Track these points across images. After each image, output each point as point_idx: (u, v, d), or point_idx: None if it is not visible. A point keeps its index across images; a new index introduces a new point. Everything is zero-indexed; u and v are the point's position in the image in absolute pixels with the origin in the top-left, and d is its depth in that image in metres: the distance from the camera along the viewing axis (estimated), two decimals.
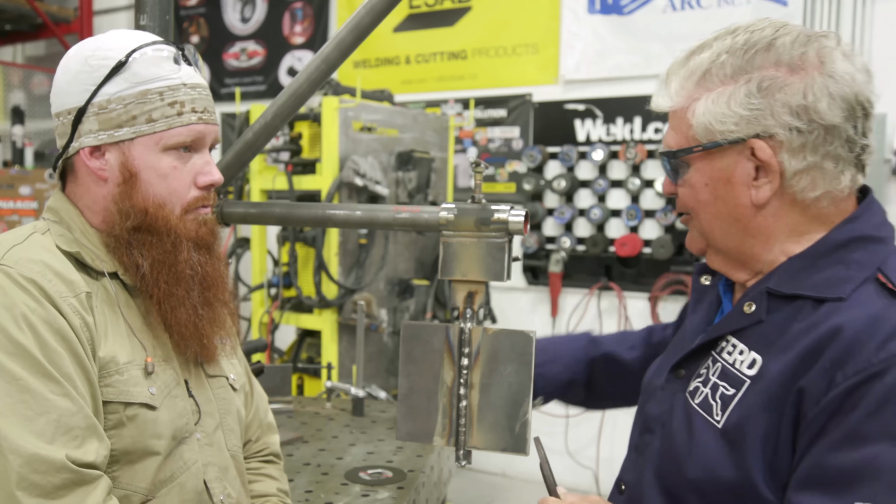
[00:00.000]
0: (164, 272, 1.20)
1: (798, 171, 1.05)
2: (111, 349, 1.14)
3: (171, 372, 1.23)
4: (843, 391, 0.93)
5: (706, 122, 1.07)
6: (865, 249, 1.05)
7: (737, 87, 1.05)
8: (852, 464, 0.91)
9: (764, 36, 1.06)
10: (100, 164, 1.19)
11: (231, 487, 1.30)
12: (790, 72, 1.04)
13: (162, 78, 1.18)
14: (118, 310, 1.19)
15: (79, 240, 1.19)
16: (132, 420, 1.14)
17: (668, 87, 1.12)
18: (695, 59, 1.10)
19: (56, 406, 1.04)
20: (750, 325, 1.08)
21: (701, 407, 1.09)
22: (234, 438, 1.35)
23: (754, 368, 1.04)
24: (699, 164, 1.11)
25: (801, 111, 1.03)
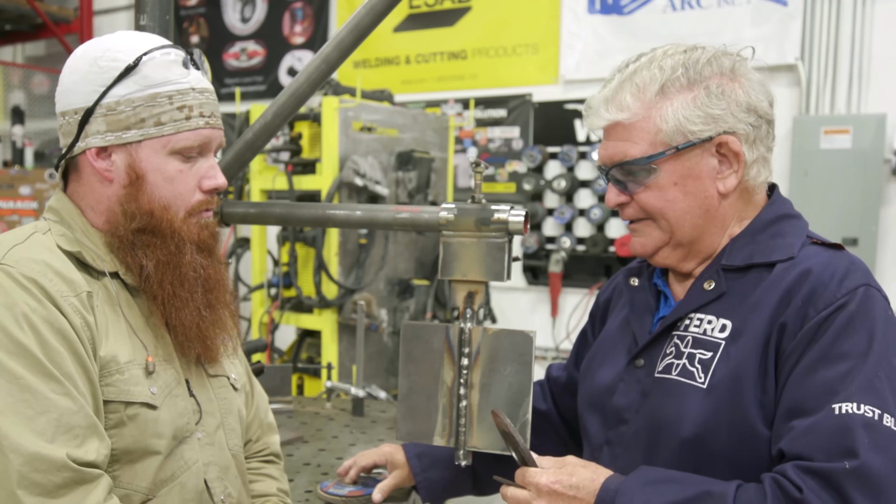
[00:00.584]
0: (168, 273, 1.21)
1: (752, 160, 1.21)
2: (112, 348, 1.15)
3: (172, 371, 1.23)
4: (815, 323, 1.08)
5: (677, 124, 1.18)
6: (790, 223, 1.23)
7: (697, 93, 1.18)
8: (826, 380, 1.04)
9: (700, 53, 1.21)
10: (106, 165, 1.20)
11: (232, 487, 1.30)
12: (731, 79, 1.20)
13: (171, 82, 1.19)
14: (119, 309, 1.19)
15: (80, 240, 1.20)
16: (133, 419, 1.14)
17: (616, 101, 1.22)
18: (640, 76, 1.21)
19: (57, 405, 1.04)
20: (713, 299, 1.20)
21: (681, 376, 1.18)
22: (235, 438, 1.35)
23: (726, 331, 1.17)
24: (668, 166, 1.20)
25: (751, 109, 1.20)
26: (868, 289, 1.10)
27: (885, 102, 3.98)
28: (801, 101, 4.17)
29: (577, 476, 1.13)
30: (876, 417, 0.99)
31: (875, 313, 1.08)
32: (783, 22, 4.19)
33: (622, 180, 1.24)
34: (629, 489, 1.09)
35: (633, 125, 1.20)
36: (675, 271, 1.30)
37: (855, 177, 3.87)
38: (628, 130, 1.21)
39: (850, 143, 3.87)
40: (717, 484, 1.06)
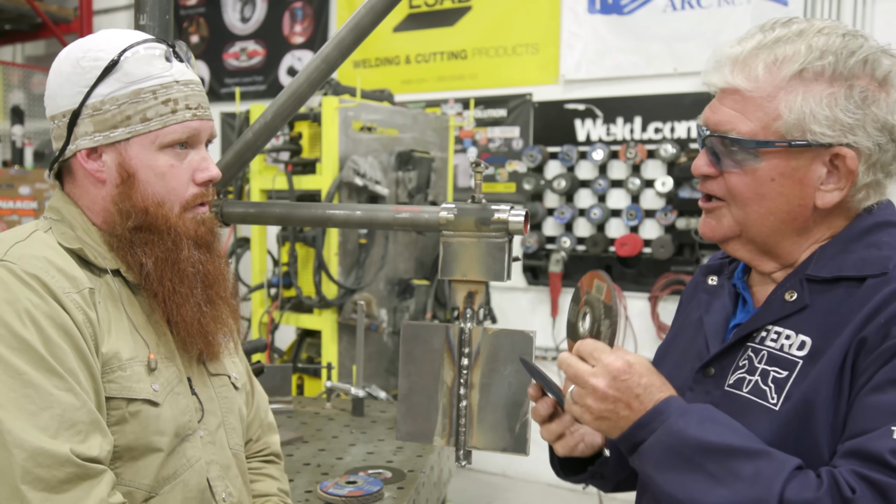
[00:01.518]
0: (167, 270, 1.21)
1: (864, 184, 1.07)
2: (114, 345, 1.15)
3: (173, 369, 1.23)
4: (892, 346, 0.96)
5: (801, 118, 1.04)
6: (890, 233, 1.08)
7: (836, 91, 1.04)
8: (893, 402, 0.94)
9: (859, 45, 1.05)
10: (97, 166, 1.19)
11: (233, 486, 1.30)
12: (879, 88, 1.05)
13: (154, 76, 1.18)
14: (121, 306, 1.19)
15: (81, 237, 1.20)
16: (135, 416, 1.14)
17: (746, 68, 1.07)
18: (782, 47, 1.06)
19: (60, 401, 1.04)
20: (794, 312, 1.08)
21: (752, 394, 1.08)
22: (236, 437, 1.35)
23: (804, 349, 1.05)
24: (773, 159, 1.07)
25: (886, 129, 1.05)
26: None
27: None
28: None
29: (647, 378, 1.04)
30: None
31: None
32: None
33: (718, 152, 1.11)
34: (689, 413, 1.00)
35: (754, 99, 1.06)
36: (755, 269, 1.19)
37: None
38: (746, 102, 1.07)
39: None
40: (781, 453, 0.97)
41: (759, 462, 0.95)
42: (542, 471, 5.51)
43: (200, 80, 1.27)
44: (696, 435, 0.98)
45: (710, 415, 1.02)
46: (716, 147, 1.11)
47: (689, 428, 0.99)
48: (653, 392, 1.03)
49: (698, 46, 4.30)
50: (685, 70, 4.35)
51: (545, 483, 4.69)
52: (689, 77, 4.31)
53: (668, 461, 1.00)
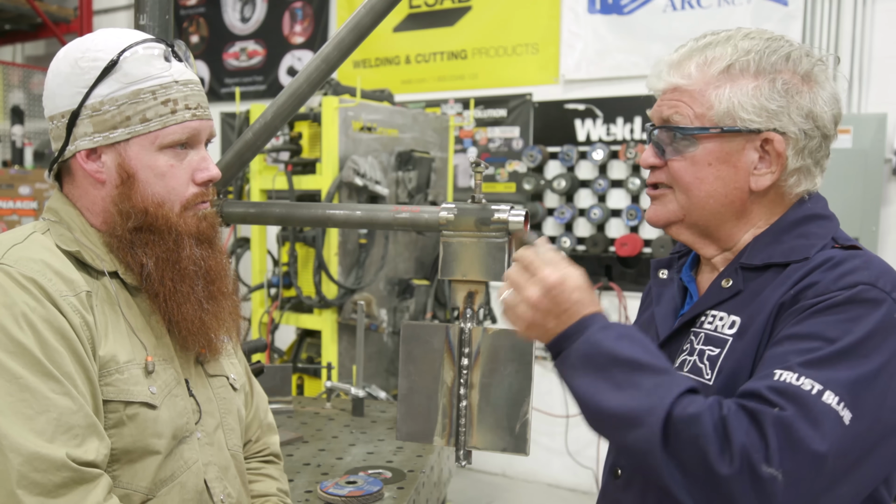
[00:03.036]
0: (168, 270, 1.20)
1: (794, 168, 1.18)
2: (111, 348, 1.14)
3: (171, 371, 1.22)
4: (798, 308, 1.08)
5: (730, 107, 1.16)
6: (818, 224, 1.20)
7: (761, 83, 1.16)
8: (784, 352, 1.04)
9: (781, 45, 1.18)
10: (96, 167, 1.19)
11: (231, 487, 1.30)
12: (803, 82, 1.17)
13: (153, 76, 1.18)
14: (118, 309, 1.18)
15: (79, 239, 1.19)
16: (132, 419, 1.14)
17: (680, 68, 1.20)
18: (712, 50, 1.19)
19: (56, 405, 1.04)
20: (729, 297, 1.19)
21: (691, 372, 1.18)
22: (235, 438, 1.35)
23: (734, 328, 1.16)
24: (708, 144, 1.18)
25: (810, 117, 1.17)
26: (871, 288, 1.05)
27: (885, 102, 3.98)
28: None
29: (579, 293, 1.12)
30: (814, 392, 0.97)
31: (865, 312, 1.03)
32: (783, 21, 4.19)
33: (662, 144, 1.23)
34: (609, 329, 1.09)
35: (689, 93, 1.19)
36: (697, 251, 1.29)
37: (855, 177, 3.87)
38: (683, 96, 1.20)
39: (851, 142, 3.87)
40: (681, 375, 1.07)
41: (659, 377, 1.04)
42: (542, 471, 5.51)
43: (200, 80, 1.27)
44: (610, 347, 1.07)
45: (628, 333, 1.11)
46: (660, 139, 1.23)
47: (606, 340, 1.08)
48: (580, 307, 1.12)
49: None
50: None
51: (545, 483, 4.68)
52: None
53: (582, 366, 1.09)
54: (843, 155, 3.88)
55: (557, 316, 1.12)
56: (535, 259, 1.14)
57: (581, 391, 1.09)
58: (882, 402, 1.00)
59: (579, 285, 1.13)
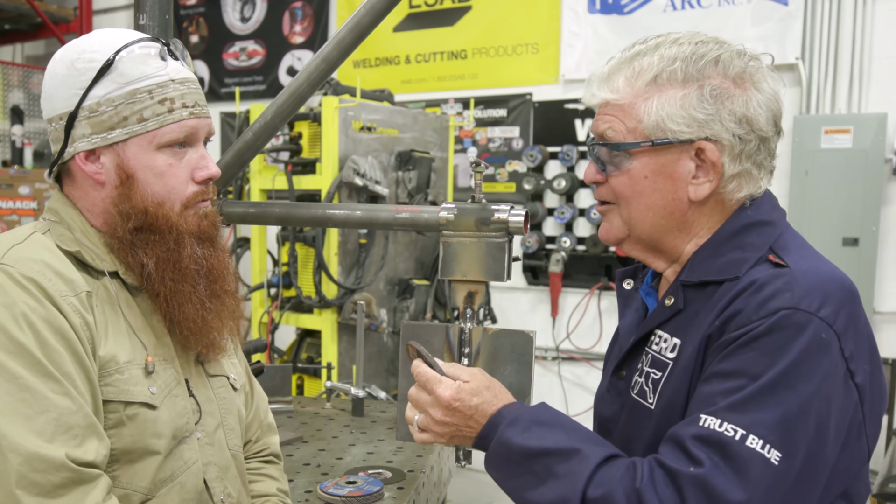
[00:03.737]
0: (169, 269, 1.20)
1: (733, 174, 1.15)
2: (111, 348, 1.14)
3: (171, 371, 1.22)
4: (724, 342, 1.05)
5: (659, 119, 1.14)
6: (758, 232, 1.16)
7: (689, 92, 1.13)
8: (711, 392, 1.03)
9: (710, 49, 1.14)
10: (95, 168, 1.19)
11: (231, 487, 1.29)
12: (734, 85, 1.14)
13: (149, 76, 1.18)
14: (119, 309, 1.18)
15: (79, 239, 1.19)
16: (132, 419, 1.13)
17: (610, 83, 1.19)
18: (639, 61, 1.17)
19: (56, 405, 1.03)
20: (672, 315, 1.18)
21: (638, 395, 1.18)
22: (235, 438, 1.34)
23: (675, 351, 1.15)
24: (643, 158, 1.17)
25: (744, 121, 1.13)
26: (793, 313, 1.01)
27: (885, 102, 3.98)
28: (801, 100, 4.17)
29: (478, 398, 1.15)
30: (737, 437, 0.97)
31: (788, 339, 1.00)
32: (784, 21, 4.19)
33: (602, 159, 1.21)
34: (516, 423, 1.11)
35: (621, 107, 1.17)
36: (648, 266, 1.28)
37: (855, 176, 3.87)
38: (615, 111, 1.18)
39: (851, 142, 3.87)
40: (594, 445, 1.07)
41: (571, 461, 1.05)
42: None
43: (198, 79, 1.27)
44: (519, 443, 1.09)
45: (537, 417, 1.12)
46: (600, 154, 1.21)
47: (514, 437, 1.10)
48: (485, 408, 1.15)
49: None
50: None
51: None
52: None
53: (503, 467, 1.13)
54: (843, 155, 3.88)
55: (466, 424, 1.16)
56: (429, 377, 1.17)
57: (510, 491, 1.13)
58: (819, 429, 0.99)
59: (474, 388, 1.15)
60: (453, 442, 1.20)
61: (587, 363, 4.79)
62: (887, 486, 3.22)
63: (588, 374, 4.79)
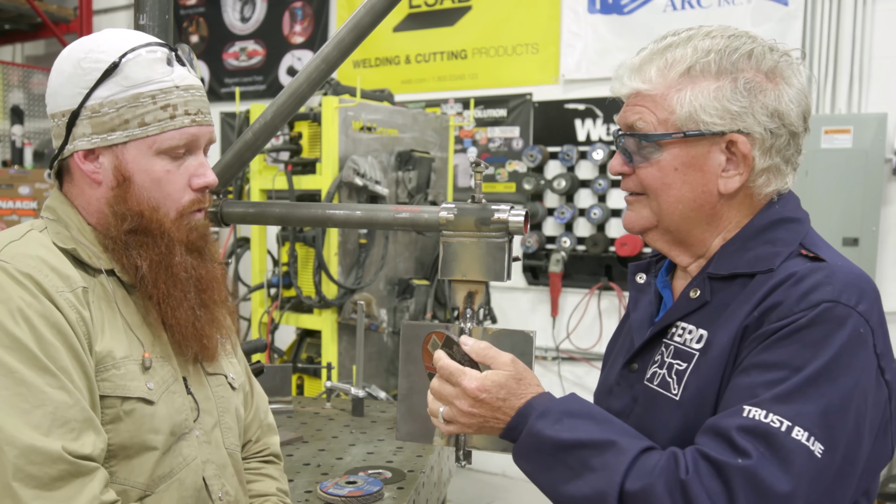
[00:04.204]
0: (162, 273, 1.21)
1: (763, 168, 1.15)
2: (108, 344, 1.14)
3: (169, 368, 1.23)
4: (763, 333, 1.05)
5: (692, 110, 1.14)
6: (787, 229, 1.16)
7: (722, 84, 1.13)
8: (752, 384, 1.02)
9: (743, 42, 1.15)
10: (93, 168, 1.19)
11: (229, 485, 1.30)
12: (766, 79, 1.14)
13: (154, 81, 1.18)
14: (115, 306, 1.19)
15: (76, 237, 1.19)
16: (129, 414, 1.14)
17: (641, 73, 1.19)
18: (672, 52, 1.17)
19: (52, 398, 1.04)
20: (697, 308, 1.17)
21: (660, 386, 1.17)
22: (232, 437, 1.34)
23: (701, 342, 1.14)
24: (673, 149, 1.16)
25: (776, 115, 1.13)
26: (835, 306, 1.02)
27: (885, 102, 3.98)
28: None
29: (505, 389, 1.13)
30: (783, 429, 0.96)
31: (830, 332, 1.01)
32: (784, 21, 4.19)
33: (629, 150, 1.21)
34: (547, 414, 1.09)
35: (652, 98, 1.17)
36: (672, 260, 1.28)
37: (856, 176, 3.87)
38: (646, 102, 1.18)
39: (851, 142, 3.87)
40: (629, 437, 1.06)
41: (607, 453, 1.03)
42: None
43: (202, 83, 1.27)
44: (551, 435, 1.07)
45: (568, 409, 1.10)
46: (627, 146, 1.21)
47: (546, 429, 1.08)
48: (512, 401, 1.13)
49: None
50: None
51: None
52: None
53: (534, 460, 1.11)
54: (843, 155, 3.88)
55: (494, 416, 1.14)
56: (452, 369, 1.16)
57: (541, 484, 1.11)
58: (857, 423, 1.00)
59: (503, 380, 1.13)
60: (481, 432, 1.18)
61: (587, 363, 4.79)
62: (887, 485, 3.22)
63: (588, 374, 4.78)
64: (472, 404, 1.14)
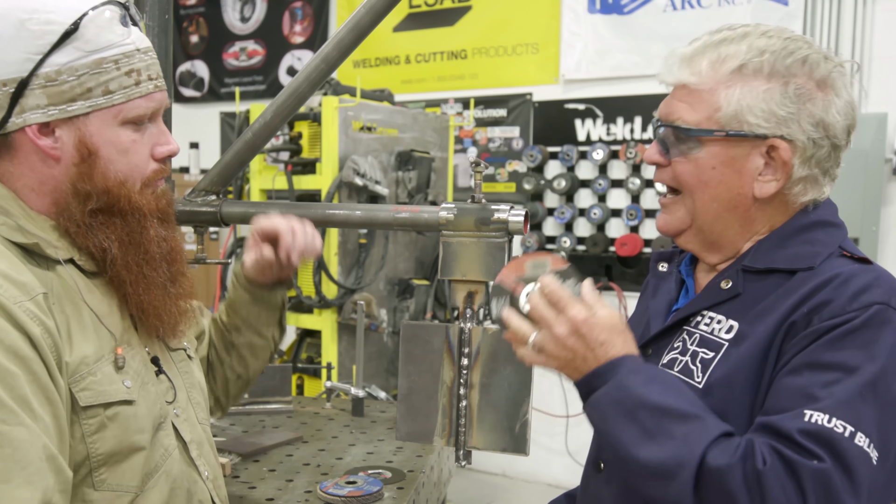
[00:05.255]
0: (132, 253, 1.12)
1: (800, 177, 1.14)
2: (79, 350, 1.05)
3: (139, 357, 1.15)
4: (814, 331, 1.03)
5: (738, 110, 1.12)
6: (825, 231, 1.16)
7: (773, 87, 1.11)
8: (808, 384, 1.00)
9: (799, 47, 1.12)
10: (50, 143, 1.07)
11: (207, 462, 1.26)
12: (817, 87, 1.12)
13: (115, 44, 1.08)
14: (80, 301, 1.08)
15: (23, 227, 1.06)
16: (113, 419, 1.07)
17: (692, 64, 1.16)
18: (726, 47, 1.14)
19: (10, 438, 0.91)
20: (727, 299, 1.16)
21: (681, 373, 1.15)
22: (202, 412, 1.30)
23: (731, 333, 1.13)
24: (713, 147, 1.15)
25: (821, 125, 1.12)
26: (886, 309, 1.02)
27: (885, 102, 3.97)
28: None
29: (606, 334, 1.07)
30: (847, 434, 0.95)
31: (884, 335, 1.01)
32: (784, 21, 4.19)
33: (667, 142, 1.19)
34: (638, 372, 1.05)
35: (699, 92, 1.15)
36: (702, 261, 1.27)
37: (856, 176, 3.87)
38: (692, 95, 1.16)
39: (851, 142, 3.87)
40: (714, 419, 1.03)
41: (690, 425, 1.01)
42: (543, 471, 5.50)
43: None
44: (640, 392, 1.03)
45: (658, 376, 1.08)
46: (666, 137, 1.19)
47: (636, 385, 1.04)
48: (608, 349, 1.07)
49: None
50: None
51: (545, 483, 4.68)
52: None
53: (611, 412, 1.05)
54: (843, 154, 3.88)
55: (584, 356, 1.08)
56: (563, 295, 1.09)
57: (611, 439, 1.06)
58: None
59: (609, 325, 1.08)
60: (563, 370, 1.11)
61: None
62: None
63: None
64: (569, 336, 1.07)
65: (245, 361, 1.55)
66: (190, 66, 6.34)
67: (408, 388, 1.37)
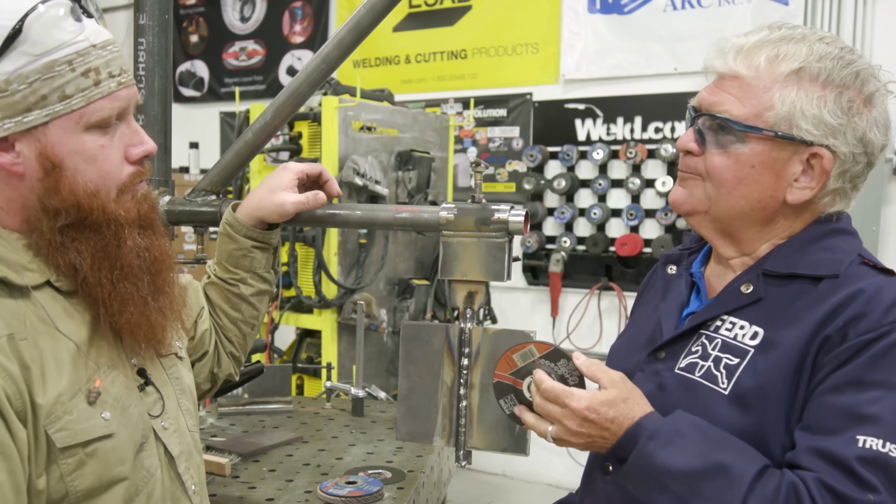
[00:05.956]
0: (105, 269, 1.04)
1: (832, 189, 1.14)
2: (53, 388, 0.98)
3: (120, 377, 1.08)
4: (852, 345, 1.02)
5: (791, 112, 1.10)
6: (843, 239, 1.16)
7: (826, 95, 1.10)
8: (853, 403, 1.00)
9: (855, 59, 1.13)
10: (10, 158, 0.99)
11: (195, 472, 1.21)
12: (864, 103, 1.12)
13: (66, 43, 0.98)
14: (55, 330, 1.00)
15: None
16: (92, 455, 1.01)
17: (749, 57, 1.13)
18: (786, 46, 1.12)
19: None
20: (748, 303, 1.15)
21: (705, 378, 1.14)
22: (191, 419, 1.25)
23: (756, 339, 1.11)
24: (757, 145, 1.13)
25: (863, 141, 1.12)
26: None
27: None
28: None
29: (614, 409, 1.09)
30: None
31: None
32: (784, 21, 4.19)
33: (704, 132, 1.16)
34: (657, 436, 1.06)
35: (752, 87, 1.12)
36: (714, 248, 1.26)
37: None
38: (744, 88, 1.12)
39: None
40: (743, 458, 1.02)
41: (719, 480, 1.01)
42: (543, 471, 5.50)
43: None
44: (662, 460, 1.04)
45: (678, 429, 1.07)
46: (704, 127, 1.16)
47: (657, 452, 1.05)
48: (621, 422, 1.09)
49: (698, 46, 4.30)
50: (685, 70, 4.34)
51: (545, 483, 4.68)
52: (689, 77, 4.30)
53: (642, 483, 1.08)
54: None
55: (602, 435, 1.10)
56: (559, 391, 1.11)
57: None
58: None
59: (612, 399, 1.09)
60: (590, 449, 1.16)
61: None
62: None
63: None
64: (581, 424, 1.10)
65: (255, 308, 1.52)
66: (190, 65, 6.34)
67: (408, 388, 1.36)
